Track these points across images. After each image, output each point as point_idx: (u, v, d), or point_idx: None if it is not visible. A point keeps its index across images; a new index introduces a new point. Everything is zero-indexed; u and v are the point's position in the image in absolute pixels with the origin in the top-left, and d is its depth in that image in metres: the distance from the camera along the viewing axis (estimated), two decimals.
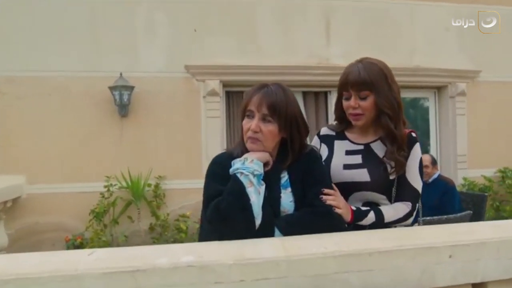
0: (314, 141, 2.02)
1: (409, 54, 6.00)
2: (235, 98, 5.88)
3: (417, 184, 1.79)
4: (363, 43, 5.79)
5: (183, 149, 5.49)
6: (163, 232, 5.18)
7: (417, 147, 1.81)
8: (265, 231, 1.50)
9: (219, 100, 5.57)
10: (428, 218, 3.38)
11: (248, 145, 1.62)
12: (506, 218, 5.82)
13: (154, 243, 5.13)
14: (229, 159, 1.63)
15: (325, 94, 6.03)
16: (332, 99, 5.89)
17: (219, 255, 1.26)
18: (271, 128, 1.60)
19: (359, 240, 1.43)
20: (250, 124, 1.60)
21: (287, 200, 1.62)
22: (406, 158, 1.78)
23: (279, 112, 1.59)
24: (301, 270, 1.27)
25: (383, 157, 1.79)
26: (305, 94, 6.01)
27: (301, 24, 5.82)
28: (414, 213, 1.76)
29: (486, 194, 4.72)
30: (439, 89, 6.38)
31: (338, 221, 1.61)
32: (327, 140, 1.97)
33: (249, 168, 1.53)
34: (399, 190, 1.79)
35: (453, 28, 6.16)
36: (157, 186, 5.33)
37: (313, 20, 5.86)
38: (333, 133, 1.97)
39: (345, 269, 1.30)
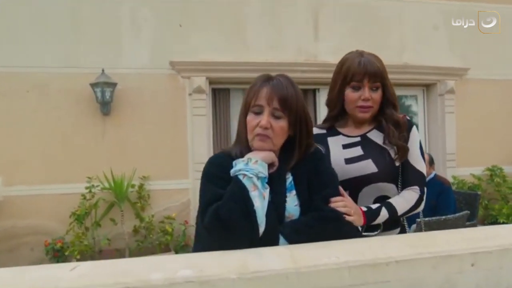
0: None
1: (398, 51, 5.93)
2: (222, 96, 5.74)
3: (421, 166, 1.73)
4: (351, 40, 5.68)
5: (168, 149, 5.32)
6: (148, 235, 5.01)
7: (414, 130, 1.76)
8: (268, 239, 1.36)
9: (205, 97, 5.40)
10: (426, 219, 3.29)
11: (256, 143, 1.47)
12: (495, 216, 5.80)
13: (138, 246, 4.96)
14: (227, 160, 1.48)
15: (314, 91, 5.92)
16: (321, 97, 5.78)
17: (220, 268, 1.12)
18: (282, 124, 1.46)
19: (373, 248, 1.30)
20: (258, 120, 1.45)
21: (292, 204, 1.49)
22: (406, 141, 1.73)
23: (290, 106, 1.46)
24: (312, 283, 1.14)
25: (384, 142, 1.73)
26: None
27: (289, 20, 5.70)
28: (424, 197, 1.70)
29: (479, 193, 4.66)
30: (427, 87, 6.33)
31: (348, 227, 1.48)
32: (319, 139, 1.84)
33: (253, 169, 1.38)
34: (404, 175, 1.73)
35: (442, 26, 6.12)
36: (141, 187, 5.15)
37: (302, 16, 5.74)
38: (324, 131, 1.87)
39: (360, 281, 1.18)
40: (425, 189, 1.71)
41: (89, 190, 4.88)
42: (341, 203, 1.49)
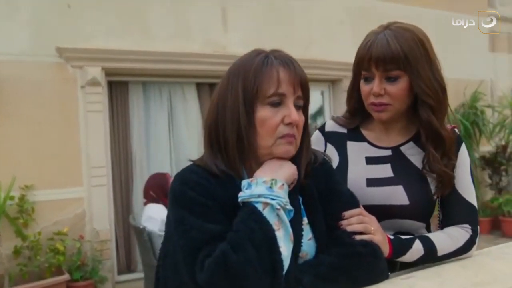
0: (314, 139, 1.40)
1: (305, 45, 5.79)
2: (119, 89, 5.05)
3: (472, 198, 1.28)
4: (261, 32, 5.43)
5: (56, 151, 4.48)
6: (34, 256, 4.14)
7: (464, 149, 1.32)
8: None
9: (101, 91, 4.65)
10: None
11: (282, 148, 1.03)
12: None
13: (21, 271, 4.08)
14: (207, 177, 1.02)
15: None
16: None
17: None
18: (303, 118, 1.08)
19: None
20: (282, 116, 1.02)
21: (305, 238, 1.06)
22: (454, 165, 1.28)
23: (308, 92, 1.10)
24: None
25: (422, 169, 1.27)
26: (199, 86, 5.43)
27: (196, 7, 5.20)
28: (477, 240, 1.26)
29: None
30: (333, 82, 6.31)
31: (385, 264, 1.09)
32: (336, 140, 1.40)
33: (279, 197, 0.94)
34: (449, 209, 1.29)
35: (346, 21, 6.13)
36: (22, 198, 4.25)
37: (209, 4, 5.28)
38: (344, 130, 1.41)
39: None
40: (479, 229, 1.27)
41: None
42: (356, 217, 1.09)
